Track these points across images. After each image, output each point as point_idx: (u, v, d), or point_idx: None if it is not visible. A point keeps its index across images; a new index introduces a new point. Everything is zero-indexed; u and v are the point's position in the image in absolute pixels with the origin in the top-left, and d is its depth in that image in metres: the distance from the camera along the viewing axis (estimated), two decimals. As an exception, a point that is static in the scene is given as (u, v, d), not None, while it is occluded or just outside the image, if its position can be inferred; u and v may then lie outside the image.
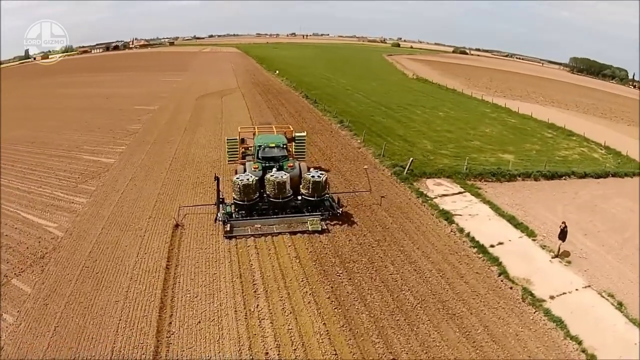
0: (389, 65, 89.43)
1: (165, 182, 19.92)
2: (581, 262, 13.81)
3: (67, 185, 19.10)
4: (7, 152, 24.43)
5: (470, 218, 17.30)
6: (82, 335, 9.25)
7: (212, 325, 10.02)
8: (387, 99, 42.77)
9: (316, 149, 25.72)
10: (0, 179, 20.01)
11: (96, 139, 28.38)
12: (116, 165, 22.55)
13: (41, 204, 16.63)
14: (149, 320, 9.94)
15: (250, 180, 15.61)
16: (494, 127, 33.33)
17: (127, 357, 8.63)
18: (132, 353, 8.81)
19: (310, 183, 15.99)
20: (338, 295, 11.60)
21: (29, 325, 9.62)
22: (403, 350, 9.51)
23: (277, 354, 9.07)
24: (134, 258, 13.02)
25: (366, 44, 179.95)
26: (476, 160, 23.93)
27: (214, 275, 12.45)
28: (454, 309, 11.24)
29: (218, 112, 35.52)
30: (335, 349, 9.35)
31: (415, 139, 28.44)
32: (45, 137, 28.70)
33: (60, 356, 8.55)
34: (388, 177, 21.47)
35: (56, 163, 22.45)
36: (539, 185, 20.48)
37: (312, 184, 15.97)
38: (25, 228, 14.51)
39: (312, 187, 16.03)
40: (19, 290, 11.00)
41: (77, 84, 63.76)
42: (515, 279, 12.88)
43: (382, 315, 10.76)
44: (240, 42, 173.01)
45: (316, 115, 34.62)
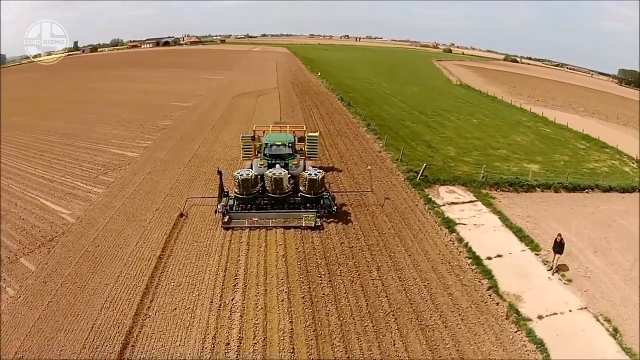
0: (435, 70, 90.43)
1: (180, 178, 21.63)
2: (583, 281, 13.34)
3: (88, 176, 21.45)
4: (38, 142, 27.77)
5: (474, 228, 17.20)
6: (70, 311, 10.79)
7: (186, 313, 11.14)
8: (424, 104, 43.71)
9: (335, 151, 26.68)
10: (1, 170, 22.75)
11: (126, 133, 31.18)
12: (138, 159, 24.79)
13: (60, 192, 18.96)
14: (130, 303, 11.29)
15: (249, 175, 16.94)
16: (526, 136, 33.04)
17: (104, 334, 9.98)
18: (108, 330, 10.15)
19: (307, 181, 17.05)
20: (313, 296, 12.26)
21: (26, 298, 11.35)
22: (361, 356, 9.96)
23: (236, 346, 9.97)
24: (132, 246, 14.57)
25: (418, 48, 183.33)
26: (498, 169, 23.75)
27: (201, 267, 13.62)
28: (427, 320, 11.45)
29: (250, 112, 37.40)
30: (293, 347, 10.05)
31: (440, 145, 28.81)
32: (78, 129, 32.05)
33: (46, 327, 10.09)
34: (400, 182, 21.82)
35: (82, 154, 25.17)
36: (558, 198, 19.76)
37: (308, 181, 17.02)
38: (41, 213, 16.74)
39: (308, 185, 17.07)
40: (24, 268, 12.90)
41: (120, 78, 69.59)
42: (505, 294, 12.79)
43: (350, 319, 11.26)
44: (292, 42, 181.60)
45: (346, 118, 35.84)
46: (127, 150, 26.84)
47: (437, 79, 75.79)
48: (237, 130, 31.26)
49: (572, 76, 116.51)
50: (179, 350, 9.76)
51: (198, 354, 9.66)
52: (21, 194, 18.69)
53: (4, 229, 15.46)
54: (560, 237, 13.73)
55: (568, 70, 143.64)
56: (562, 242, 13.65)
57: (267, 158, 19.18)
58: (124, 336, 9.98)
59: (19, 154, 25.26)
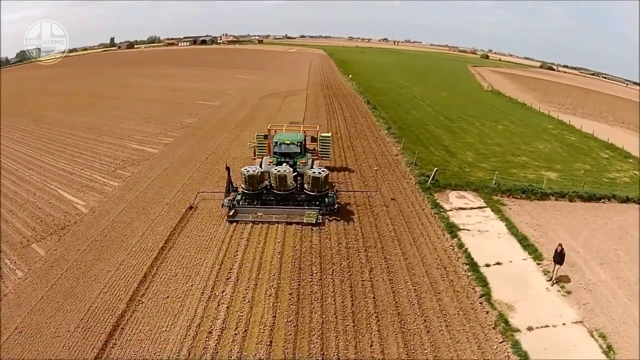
0: (469, 76, 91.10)
1: (194, 174, 22.82)
2: (583, 294, 13.04)
3: (107, 170, 23.07)
4: (63, 136, 30.05)
5: (478, 234, 17.13)
6: (70, 294, 11.91)
7: (176, 302, 11.97)
8: (451, 109, 44.19)
9: (352, 153, 27.33)
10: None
11: (149, 129, 33.07)
12: (157, 155, 26.31)
13: (78, 184, 20.58)
14: (127, 290, 12.28)
15: (255, 172, 17.89)
16: (549, 144, 32.82)
17: (98, 316, 11.00)
18: (102, 313, 11.15)
19: (311, 179, 17.80)
20: (301, 293, 12.78)
21: (32, 280, 12.62)
22: (335, 355, 10.34)
23: (217, 335, 10.65)
24: (138, 237, 15.69)
25: (456, 53, 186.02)
26: (514, 175, 23.66)
27: (199, 260, 14.46)
28: (410, 324, 11.65)
29: (274, 112, 38.61)
30: (271, 341, 10.61)
31: (459, 150, 29.02)
32: (104, 124, 34.30)
33: (47, 307, 11.26)
34: (411, 185, 22.08)
35: (104, 149, 27.01)
36: (571, 207, 19.23)
37: (312, 179, 17.78)
38: (57, 203, 18.31)
39: (312, 183, 17.82)
40: (35, 253, 14.28)
41: (153, 75, 73.44)
42: (497, 302, 12.76)
43: (333, 318, 11.67)
44: (330, 44, 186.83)
45: (369, 121, 36.58)
46: (147, 146, 28.49)
47: (469, 84, 76.46)
48: (258, 129, 32.46)
49: (606, 85, 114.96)
50: (163, 335, 10.58)
51: (181, 340, 10.43)
52: (41, 184, 20.49)
53: (20, 217, 17.08)
54: (561, 248, 13.47)
55: (603, 80, 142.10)
56: (562, 252, 13.40)
57: (276, 156, 20.18)
58: (116, 319, 10.95)
59: (44, 146, 27.54)
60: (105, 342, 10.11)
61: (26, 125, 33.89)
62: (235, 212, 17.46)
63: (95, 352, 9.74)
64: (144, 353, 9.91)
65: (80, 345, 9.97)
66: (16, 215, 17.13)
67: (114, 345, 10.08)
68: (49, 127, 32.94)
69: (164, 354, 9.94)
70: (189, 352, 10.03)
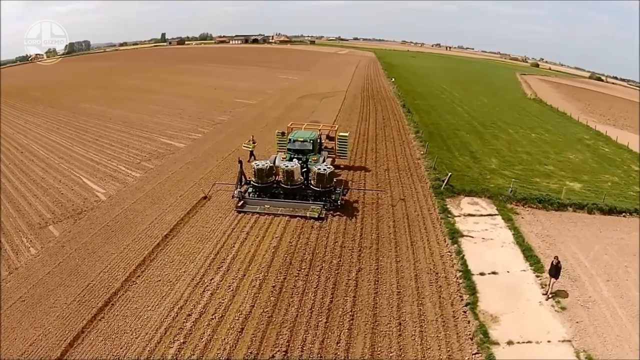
0: (515, 83, 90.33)
1: (214, 169, 24.36)
2: (579, 311, 12.54)
3: (132, 162, 25.24)
4: (97, 128, 33.07)
5: (480, 242, 16.92)
6: (74, 272, 13.53)
7: (166, 286, 13.16)
8: (487, 116, 44.20)
9: (374, 154, 27.94)
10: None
11: (182, 125, 35.47)
12: (183, 150, 28.29)
13: (103, 173, 22.80)
14: (125, 271, 13.69)
15: (264, 166, 19.29)
16: (581, 154, 32.02)
17: (94, 292, 12.45)
18: (98, 290, 12.59)
19: (316, 175, 18.79)
20: (284, 287, 13.48)
21: (43, 257, 14.44)
22: (299, 348, 10.88)
23: (195, 318, 11.64)
24: (146, 225, 17.23)
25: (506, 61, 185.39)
26: (535, 184, 23.17)
27: (197, 249, 15.64)
28: (383, 326, 11.92)
29: (308, 113, 39.91)
30: (243, 328, 11.41)
31: (485, 156, 28.87)
32: (140, 118, 37.23)
33: (51, 281, 12.93)
34: (425, 189, 22.22)
35: (134, 142, 29.46)
36: (589, 219, 18.28)
37: (317, 175, 18.78)
38: (79, 190, 20.47)
39: (317, 179, 18.82)
40: (50, 234, 16.24)
41: (197, 72, 78.16)
42: (482, 313, 12.65)
43: (307, 313, 12.24)
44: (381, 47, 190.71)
45: (401, 124, 37.13)
46: (176, 140, 30.63)
47: (512, 91, 76.15)
48: (286, 129, 34.26)
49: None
50: (147, 313, 11.77)
51: (161, 319, 11.54)
52: (68, 172, 22.96)
53: (43, 201, 19.33)
54: (557, 260, 13.03)
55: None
56: (558, 265, 12.96)
57: (290, 152, 21.52)
58: (109, 296, 12.33)
59: (77, 137, 30.55)
60: (95, 315, 11.50)
61: (65, 116, 37.79)
62: (244, 203, 18.88)
63: (83, 323, 11.14)
64: (125, 327, 11.14)
65: (72, 317, 11.42)
66: (39, 199, 19.43)
67: (102, 318, 11.44)
68: (86, 119, 36.44)
69: (143, 330, 11.10)
70: (165, 330, 11.10)
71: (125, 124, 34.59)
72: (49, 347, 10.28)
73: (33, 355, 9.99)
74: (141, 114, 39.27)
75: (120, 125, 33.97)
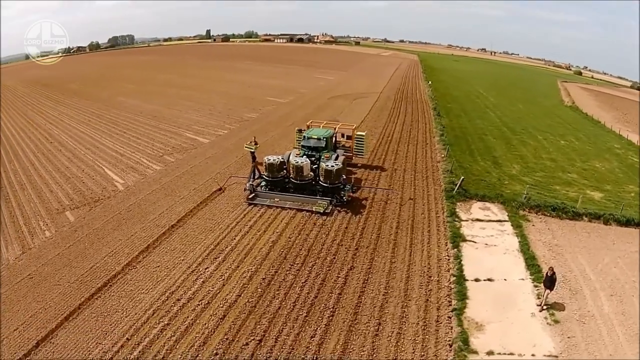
0: (554, 90, 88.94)
1: (232, 164, 25.54)
2: (573, 326, 12.03)
3: (155, 155, 26.92)
4: (127, 121, 35.38)
5: (483, 247, 16.61)
6: (81, 254, 14.89)
7: (163, 271, 14.13)
8: (518, 122, 43.68)
9: (393, 156, 28.30)
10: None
11: (210, 121, 37.21)
12: (206, 145, 29.75)
13: (125, 165, 24.54)
14: (128, 256, 14.86)
15: (275, 161, 20.41)
16: (608, 163, 31.08)
17: (96, 274, 13.67)
18: (100, 272, 13.81)
19: (324, 171, 19.69)
20: (273, 280, 14.02)
21: (56, 240, 15.96)
22: (273, 338, 11.32)
23: (183, 303, 12.45)
24: (156, 215, 18.47)
25: (550, 68, 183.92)
26: (554, 192, 22.50)
27: (199, 239, 16.58)
28: (362, 324, 12.12)
29: (337, 113, 40.71)
30: (224, 315, 12.05)
31: (507, 162, 28.48)
32: (170, 113, 39.37)
33: (59, 262, 14.33)
34: (438, 192, 22.13)
35: (160, 136, 31.31)
36: (603, 230, 17.36)
37: (324, 172, 19.68)
38: (100, 179, 22.22)
39: (324, 175, 19.71)
40: (66, 219, 17.86)
41: (235, 69, 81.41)
42: (467, 320, 12.50)
43: (290, 306, 12.68)
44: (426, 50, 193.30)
45: (428, 127, 37.32)
46: (201, 136, 32.21)
47: (550, 98, 74.56)
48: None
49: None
50: (141, 296, 12.77)
51: (152, 302, 12.48)
52: (91, 162, 24.96)
53: (64, 188, 21.15)
54: (552, 272, 12.55)
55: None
56: (553, 276, 12.48)
57: (304, 149, 22.53)
58: (109, 278, 13.49)
59: (106, 129, 32.93)
60: (93, 294, 12.67)
61: (98, 108, 40.75)
62: (255, 196, 20.01)
63: (81, 300, 12.32)
64: (117, 307, 12.20)
65: (72, 294, 12.66)
66: (61, 187, 21.31)
67: (98, 297, 12.58)
68: (118, 112, 39.16)
69: (133, 310, 12.09)
70: (153, 312, 12.03)
71: (155, 118, 36.78)
72: (46, 319, 11.51)
73: (31, 325, 11.24)
74: (172, 109, 41.50)
75: (149, 119, 36.17)
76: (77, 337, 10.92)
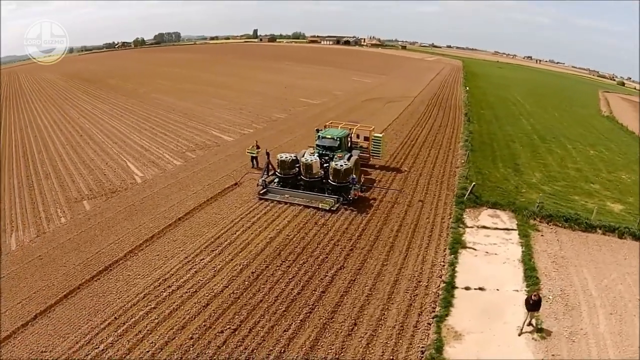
0: (593, 100, 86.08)
1: (248, 163, 26.39)
2: (561, 343, 11.59)
3: (178, 151, 28.63)
4: (158, 117, 37.70)
5: (482, 255, 16.35)
6: (90, 240, 16.41)
7: (161, 260, 15.23)
8: (550, 130, 42.90)
9: (412, 159, 28.50)
10: None
11: (239, 120, 38.84)
12: (229, 143, 31.15)
13: (147, 159, 26.37)
14: (132, 244, 16.17)
15: (287, 158, 21.57)
16: (635, 175, 29.47)
17: (100, 259, 15.06)
18: (104, 257, 15.18)
19: (332, 170, 20.68)
20: (261, 275, 14.65)
21: (69, 226, 17.63)
22: (248, 329, 11.92)
23: (173, 290, 13.42)
24: (166, 208, 19.79)
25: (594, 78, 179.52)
26: (572, 202, 21.78)
27: (203, 233, 17.58)
28: (336, 323, 12.36)
29: (367, 116, 41.36)
30: (207, 304, 12.86)
31: (529, 169, 27.88)
32: (201, 111, 41.46)
33: (68, 245, 15.90)
34: (449, 197, 22.05)
35: (186, 132, 33.16)
36: (617, 244, 16.38)
37: (333, 171, 20.68)
38: (120, 172, 24.06)
39: (333, 174, 20.70)
40: (82, 207, 19.60)
41: (275, 70, 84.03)
42: (447, 328, 12.43)
43: (271, 300, 13.21)
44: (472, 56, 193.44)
45: (455, 132, 37.13)
46: (226, 134, 33.74)
47: (588, 108, 72.14)
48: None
49: None
50: (136, 281, 13.94)
51: (145, 287, 13.57)
52: (116, 155, 27.04)
53: (86, 179, 23.08)
54: (538, 297, 11.93)
55: None
56: (538, 301, 11.89)
57: (318, 148, 23.64)
58: (110, 263, 14.84)
59: (136, 124, 35.30)
60: (93, 276, 14.02)
61: (132, 104, 43.72)
62: (266, 191, 21.20)
63: (82, 281, 13.69)
64: (113, 289, 13.43)
65: (75, 275, 14.09)
66: (83, 178, 23.31)
67: (97, 279, 13.90)
68: (151, 108, 41.85)
69: (126, 293, 13.25)
70: (144, 296, 13.11)
71: (185, 115, 38.96)
72: (48, 296, 12.96)
73: (33, 300, 12.73)
74: (204, 107, 43.68)
75: (180, 117, 38.39)
76: (71, 313, 12.23)
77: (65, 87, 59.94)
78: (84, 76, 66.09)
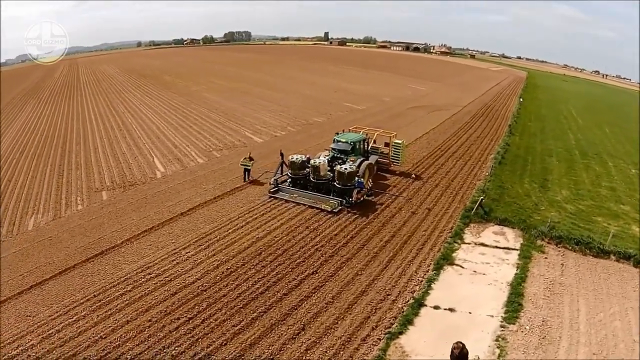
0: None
1: (270, 163, 27.79)
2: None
3: (205, 149, 31.16)
4: (198, 116, 41.02)
5: (468, 275, 16.06)
6: (96, 226, 18.95)
7: (151, 250, 17.17)
8: (594, 146, 40.87)
9: (435, 169, 28.64)
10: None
11: (275, 121, 41.02)
12: (257, 144, 33.17)
13: (173, 156, 29.14)
14: (132, 234, 18.40)
15: (298, 159, 23.32)
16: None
17: (101, 244, 17.39)
18: (104, 243, 17.50)
19: (337, 173, 22.04)
20: (234, 272, 15.77)
21: (83, 213, 20.39)
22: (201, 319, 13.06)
23: (151, 277, 15.16)
24: (174, 202, 21.96)
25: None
26: (593, 224, 20.39)
27: (198, 229, 19.32)
28: (285, 326, 12.92)
29: (405, 123, 42.20)
30: (174, 293, 14.33)
31: (556, 186, 26.64)
32: (242, 112, 44.28)
33: (77, 230, 18.48)
34: (457, 210, 21.84)
35: (219, 132, 35.81)
36: (630, 273, 15.15)
37: (337, 174, 22.02)
38: (145, 167, 26.90)
39: (337, 177, 22.04)
40: (99, 197, 22.44)
41: (330, 73, 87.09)
42: (396, 346, 12.38)
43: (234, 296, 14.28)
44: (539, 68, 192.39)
45: (491, 144, 36.45)
46: (257, 135, 35.89)
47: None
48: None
49: None
50: (124, 265, 15.98)
51: (130, 272, 15.46)
52: (146, 151, 30.19)
53: (111, 171, 26.16)
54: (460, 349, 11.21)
55: None
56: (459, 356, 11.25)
57: (333, 151, 24.92)
58: (107, 249, 17.13)
59: (174, 122, 38.74)
60: (88, 258, 16.39)
61: (178, 102, 47.82)
62: (277, 190, 23.01)
63: (78, 262, 16.09)
64: (101, 271, 15.57)
65: (74, 256, 16.54)
66: (110, 170, 26.47)
67: (91, 261, 16.21)
68: (196, 107, 45.68)
69: (111, 276, 15.27)
70: (124, 280, 15.05)
71: (225, 115, 42.05)
72: (46, 271, 15.47)
73: (33, 274, 15.30)
74: (247, 108, 46.57)
75: (219, 116, 41.52)
76: (60, 288, 14.55)
77: (120, 81, 66.88)
78: (142, 71, 72.61)
